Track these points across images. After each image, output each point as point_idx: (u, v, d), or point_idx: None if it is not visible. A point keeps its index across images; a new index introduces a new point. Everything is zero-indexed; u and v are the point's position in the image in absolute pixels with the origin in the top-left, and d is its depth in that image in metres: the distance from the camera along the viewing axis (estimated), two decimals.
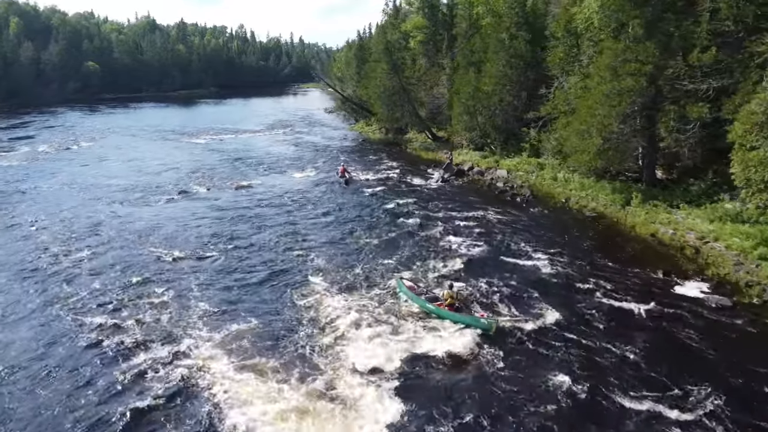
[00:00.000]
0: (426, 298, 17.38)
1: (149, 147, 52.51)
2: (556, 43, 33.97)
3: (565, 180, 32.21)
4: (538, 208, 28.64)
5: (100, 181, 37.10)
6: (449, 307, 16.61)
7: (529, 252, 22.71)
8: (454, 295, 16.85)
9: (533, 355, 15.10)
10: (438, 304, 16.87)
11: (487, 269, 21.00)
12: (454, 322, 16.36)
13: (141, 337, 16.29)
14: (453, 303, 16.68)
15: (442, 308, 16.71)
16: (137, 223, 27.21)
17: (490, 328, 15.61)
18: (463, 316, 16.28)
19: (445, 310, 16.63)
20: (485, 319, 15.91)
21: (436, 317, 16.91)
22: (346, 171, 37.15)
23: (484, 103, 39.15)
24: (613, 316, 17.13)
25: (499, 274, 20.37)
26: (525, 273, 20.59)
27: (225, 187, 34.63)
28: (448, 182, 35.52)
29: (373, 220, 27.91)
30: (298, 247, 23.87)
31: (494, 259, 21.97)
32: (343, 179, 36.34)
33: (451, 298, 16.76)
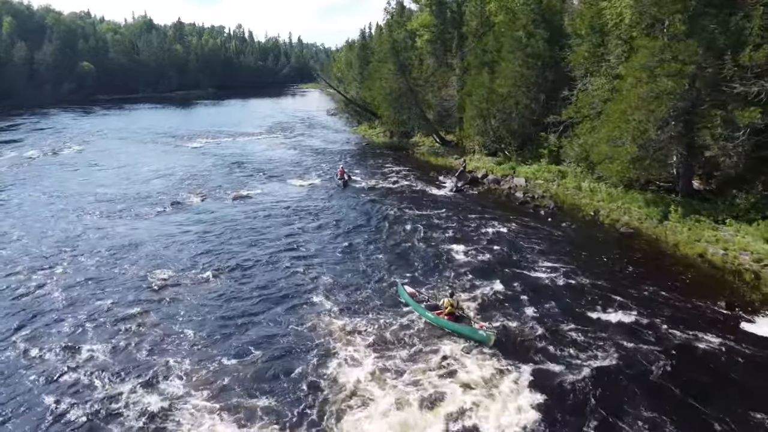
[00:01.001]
0: (426, 306, 16.98)
1: (142, 151, 49.86)
2: (580, 42, 31.42)
3: (590, 190, 29.65)
4: (565, 223, 26.06)
5: (86, 189, 34.46)
6: (449, 316, 16.13)
7: (560, 275, 20.17)
8: (454, 303, 16.35)
9: (575, 409, 12.58)
10: (438, 313, 16.41)
11: (513, 297, 18.47)
12: (452, 333, 15.87)
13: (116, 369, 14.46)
14: (453, 312, 16.20)
15: (442, 317, 16.23)
16: (122, 238, 24.59)
17: (488, 340, 15.06)
18: (462, 327, 15.75)
19: (444, 319, 16.14)
20: (484, 330, 15.29)
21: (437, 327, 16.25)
22: (345, 173, 36.29)
23: (499, 106, 36.64)
24: (671, 361, 14.57)
25: (530, 305, 17.82)
26: (558, 303, 18.01)
27: (221, 197, 32.01)
28: (462, 191, 32.94)
29: (382, 234, 25.39)
30: (299, 265, 21.46)
31: (522, 285, 19.38)
32: (342, 181, 35.43)
33: (451, 306, 16.25)
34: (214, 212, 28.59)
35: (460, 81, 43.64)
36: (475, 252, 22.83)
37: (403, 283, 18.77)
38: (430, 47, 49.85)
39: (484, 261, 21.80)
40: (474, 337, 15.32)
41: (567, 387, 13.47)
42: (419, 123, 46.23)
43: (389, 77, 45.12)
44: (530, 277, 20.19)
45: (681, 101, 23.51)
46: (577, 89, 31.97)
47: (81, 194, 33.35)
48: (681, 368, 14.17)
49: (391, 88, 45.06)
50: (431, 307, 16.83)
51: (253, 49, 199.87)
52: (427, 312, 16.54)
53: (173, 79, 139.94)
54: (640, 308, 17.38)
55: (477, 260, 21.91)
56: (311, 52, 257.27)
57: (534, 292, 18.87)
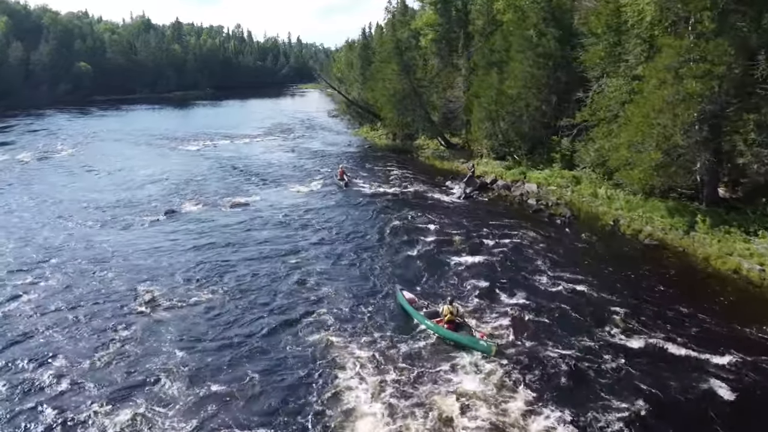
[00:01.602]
0: (425, 313, 16.26)
1: (137, 154, 48.29)
2: (595, 41, 29.85)
3: (607, 197, 28.13)
4: (583, 233, 24.50)
5: (76, 195, 32.89)
6: (449, 324, 15.38)
7: (579, 291, 18.67)
8: (454, 311, 15.57)
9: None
10: (437, 321, 15.65)
11: (528, 312, 17.01)
12: (451, 342, 15.13)
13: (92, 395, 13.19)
14: (453, 320, 15.43)
15: (441, 325, 15.47)
16: (110, 249, 23.03)
17: (489, 351, 14.30)
18: (462, 336, 14.99)
19: (444, 328, 15.39)
20: (485, 341, 14.56)
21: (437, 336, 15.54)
22: (345, 174, 35.89)
23: (508, 108, 35.09)
24: (706, 393, 13.04)
25: (546, 321, 16.34)
26: (577, 321, 16.50)
27: (218, 204, 30.44)
28: (471, 198, 31.38)
29: (387, 244, 23.90)
30: (300, 279, 20.03)
31: (538, 300, 17.86)
32: (343, 182, 35.03)
33: (450, 314, 15.46)
34: (210, 221, 27.02)
35: (467, 82, 42.10)
36: (488, 263, 21.34)
37: (401, 289, 18.01)
38: (435, 47, 48.30)
39: (498, 273, 20.29)
40: (475, 347, 14.60)
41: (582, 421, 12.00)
42: (424, 125, 44.64)
43: (393, 78, 43.55)
44: (547, 292, 18.70)
45: (709, 104, 21.99)
46: (592, 91, 30.44)
47: (71, 200, 31.80)
48: (717, 401, 12.66)
49: (394, 89, 43.50)
50: (430, 314, 16.12)
51: (252, 49, 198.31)
52: (426, 320, 15.87)
53: (171, 80, 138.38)
54: (669, 330, 15.85)
55: (490, 272, 20.40)
56: (310, 52, 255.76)
57: (551, 308, 17.41)
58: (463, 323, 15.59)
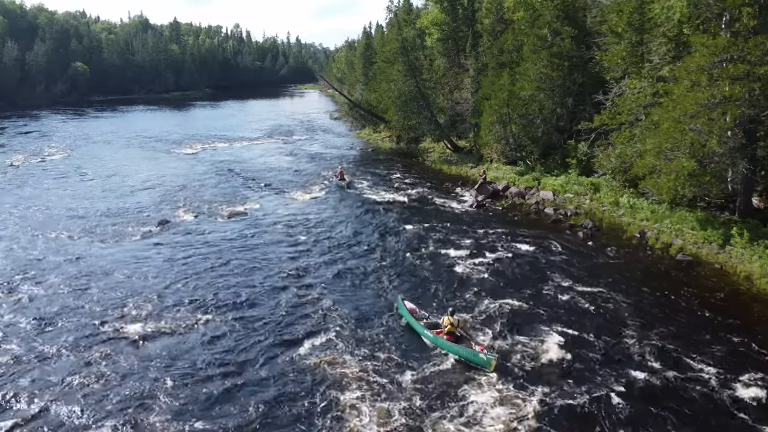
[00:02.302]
0: (425, 323, 15.89)
1: (132, 158, 46.41)
2: (616, 40, 28.09)
3: (630, 206, 26.40)
4: (609, 247, 22.68)
5: (65, 203, 31.05)
6: (449, 335, 15.04)
7: (608, 313, 16.99)
8: (455, 322, 15.21)
9: None
10: (437, 332, 15.28)
11: (552, 337, 15.29)
12: (451, 354, 14.70)
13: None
14: (453, 331, 15.09)
15: (441, 336, 15.11)
16: (97, 263, 21.22)
17: (488, 364, 13.83)
18: (461, 349, 14.57)
19: (443, 339, 15.02)
20: (484, 354, 14.02)
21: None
22: (345, 174, 36.00)
23: (520, 111, 33.31)
24: None
25: (575, 354, 14.56)
26: (607, 348, 14.80)
27: (215, 213, 28.63)
28: (484, 206, 29.58)
29: (395, 259, 22.18)
30: (302, 299, 18.55)
31: (562, 323, 16.11)
32: (344, 182, 34.92)
33: (451, 325, 15.12)
34: (205, 233, 25.21)
35: (475, 83, 40.32)
36: (505, 279, 19.68)
37: (403, 299, 17.46)
38: (441, 46, 46.57)
39: (516, 290, 18.63)
40: (474, 361, 14.18)
41: None
42: (430, 128, 42.81)
43: (398, 79, 41.73)
44: (569, 312, 17.12)
45: (749, 108, 20.23)
46: (612, 93, 28.68)
47: (58, 208, 29.98)
48: None
49: (399, 91, 41.67)
50: (431, 325, 15.77)
51: (251, 50, 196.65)
52: (426, 330, 15.48)
53: (169, 80, 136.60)
54: (717, 362, 14.12)
55: (506, 289, 18.76)
56: (309, 52, 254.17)
57: (573, 330, 15.92)
58: (463, 335, 15.18)
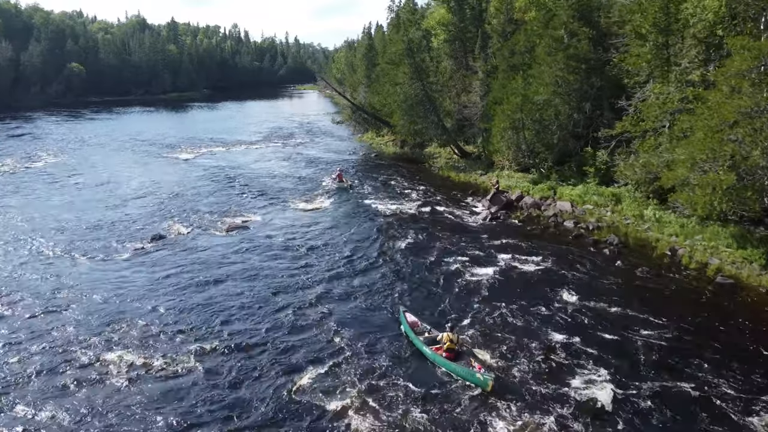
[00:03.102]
0: (425, 338, 15.63)
1: (126, 164, 44.56)
2: (641, 42, 26.36)
3: (656, 220, 24.71)
4: (640, 268, 20.88)
5: (52, 214, 29.15)
6: (448, 352, 14.72)
7: (643, 343, 15.29)
8: (454, 338, 14.91)
9: None
10: (436, 348, 15.03)
11: (576, 367, 13.53)
12: (448, 372, 14.44)
13: None
14: (452, 347, 14.78)
15: (440, 353, 14.81)
16: (83, 288, 19.42)
17: (485, 385, 13.47)
18: (459, 368, 14.27)
19: (442, 357, 14.73)
20: (481, 374, 13.64)
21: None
22: (343, 176, 36.12)
23: (534, 117, 31.58)
24: None
25: (601, 385, 12.86)
26: (643, 384, 13.10)
27: (212, 226, 26.83)
28: (498, 219, 27.81)
29: (410, 278, 20.63)
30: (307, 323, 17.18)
31: (592, 354, 14.41)
32: (346, 184, 35.12)
33: (450, 341, 14.81)
34: (202, 250, 23.43)
35: (484, 86, 38.61)
36: (527, 303, 18.01)
37: (404, 311, 17.01)
38: (448, 48, 44.80)
39: (539, 315, 17.00)
40: (471, 380, 13.86)
41: None
42: (437, 133, 41.04)
43: (404, 82, 39.94)
44: (597, 340, 15.46)
45: None
46: (635, 98, 26.98)
47: (45, 218, 28.19)
48: None
49: (405, 95, 39.88)
50: (430, 340, 15.49)
51: (249, 50, 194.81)
52: (425, 347, 15.22)
53: (166, 81, 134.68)
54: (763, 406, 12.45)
55: (529, 314, 17.13)
56: (308, 53, 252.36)
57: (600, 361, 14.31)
58: (463, 352, 14.87)
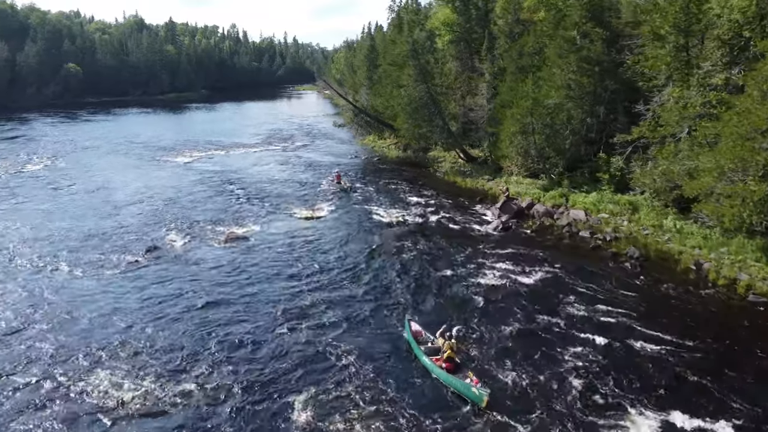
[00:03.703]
0: (426, 348, 15.55)
1: (121, 168, 43.21)
2: (660, 43, 25.16)
3: (676, 230, 23.52)
4: (665, 284, 19.69)
5: (42, 223, 27.84)
6: (447, 362, 14.62)
7: (677, 373, 14.18)
8: (453, 347, 14.89)
9: None
10: (436, 359, 14.93)
11: (599, 394, 12.33)
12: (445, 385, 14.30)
13: None
14: (452, 356, 14.71)
15: (439, 364, 14.72)
16: (70, 309, 18.20)
17: (480, 400, 13.34)
18: (456, 381, 14.09)
19: (440, 368, 14.59)
20: (477, 389, 13.46)
21: None
22: (342, 178, 36.33)
23: (545, 121, 30.34)
24: None
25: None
26: (674, 414, 11.93)
27: (210, 237, 25.57)
28: (509, 228, 26.57)
29: (418, 294, 19.58)
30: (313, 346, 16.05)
31: (613, 378, 13.23)
32: (348, 186, 35.24)
33: (450, 350, 14.79)
34: (199, 264, 22.18)
35: (491, 88, 37.39)
36: (544, 323, 16.86)
37: (409, 319, 16.91)
38: (453, 49, 43.57)
39: (557, 336, 15.84)
40: (466, 394, 13.70)
41: None
42: (442, 137, 39.83)
43: (408, 84, 38.70)
44: (628, 369, 14.29)
45: None
46: (653, 102, 25.80)
47: (34, 228, 26.93)
48: None
49: (410, 97, 38.65)
50: (431, 350, 15.39)
51: (248, 50, 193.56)
52: (425, 357, 15.13)
53: (164, 81, 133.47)
54: None
55: (547, 334, 16.03)
56: (307, 53, 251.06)
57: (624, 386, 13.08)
58: (462, 363, 14.78)
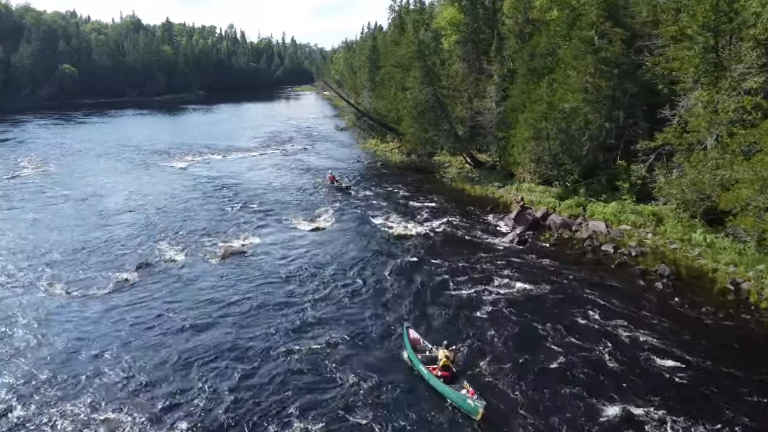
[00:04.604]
0: (423, 357, 15.38)
1: (113, 174, 41.47)
2: (688, 44, 23.53)
3: (707, 244, 21.91)
4: (703, 307, 18.05)
5: (25, 236, 26.11)
6: (444, 371, 14.45)
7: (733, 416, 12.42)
8: (450, 356, 14.73)
9: None
10: (432, 368, 14.73)
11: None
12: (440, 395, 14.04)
13: None
14: (449, 366, 14.54)
15: (435, 373, 14.52)
16: (49, 335, 16.55)
17: (475, 412, 13.03)
18: (452, 392, 13.83)
19: (437, 378, 14.39)
20: (473, 400, 13.18)
21: None
22: (335, 179, 36.34)
23: (561, 126, 28.69)
24: None
25: None
26: None
27: (207, 251, 23.85)
28: (526, 241, 24.90)
29: (431, 317, 17.82)
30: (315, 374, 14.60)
31: None
32: (343, 185, 35.57)
33: (446, 358, 14.60)
34: (194, 283, 20.47)
35: (500, 91, 35.78)
36: (567, 347, 15.13)
37: (408, 327, 16.63)
38: (460, 49, 41.91)
39: (589, 369, 14.13)
40: (461, 406, 13.49)
41: None
42: (449, 141, 38.19)
43: (414, 87, 37.06)
44: (654, 403, 12.52)
45: None
46: (679, 107, 24.21)
47: (17, 239, 25.40)
48: None
49: (416, 100, 37.01)
50: (429, 359, 15.22)
51: (246, 50, 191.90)
52: (422, 366, 14.91)
53: (161, 82, 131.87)
54: None
55: (579, 365, 14.31)
56: (305, 53, 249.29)
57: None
58: (459, 373, 14.61)
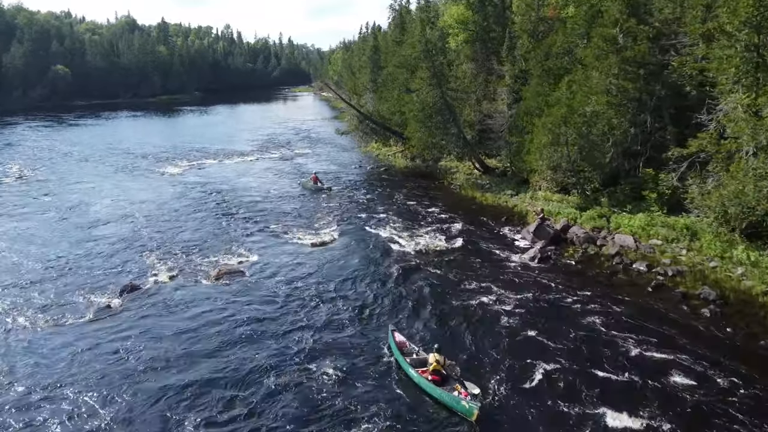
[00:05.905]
0: (412, 360, 14.78)
1: (103, 181, 39.23)
2: (729, 43, 21.52)
3: (751, 263, 19.90)
4: (762, 340, 16.05)
5: (1, 250, 24.10)
6: (434, 374, 13.91)
7: None
8: (441, 360, 14.10)
9: None
10: (422, 371, 14.16)
11: None
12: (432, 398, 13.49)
13: None
14: (439, 369, 13.96)
15: (425, 376, 13.93)
16: (19, 376, 14.45)
17: (470, 413, 12.54)
18: (444, 394, 13.30)
19: (428, 381, 13.82)
20: (467, 402, 12.66)
21: None
22: (318, 180, 36.27)
23: (582, 131, 26.66)
24: None
25: None
26: None
27: (200, 270, 21.67)
28: (549, 258, 22.84)
29: (449, 350, 15.53)
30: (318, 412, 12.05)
31: None
32: (324, 186, 35.63)
33: (437, 363, 14.00)
34: (185, 308, 18.32)
35: (512, 93, 33.75)
36: (605, 388, 13.09)
37: (393, 330, 16.08)
38: (468, 49, 39.86)
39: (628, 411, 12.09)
40: (455, 408, 12.97)
41: None
42: (457, 145, 36.15)
43: (421, 88, 34.99)
44: None
45: None
46: (717, 110, 22.21)
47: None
48: None
49: (422, 103, 34.95)
50: (417, 362, 14.75)
51: (242, 51, 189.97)
52: (411, 369, 14.45)
53: (156, 83, 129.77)
54: None
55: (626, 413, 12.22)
56: (302, 54, 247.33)
57: None
58: (449, 375, 14.10)
